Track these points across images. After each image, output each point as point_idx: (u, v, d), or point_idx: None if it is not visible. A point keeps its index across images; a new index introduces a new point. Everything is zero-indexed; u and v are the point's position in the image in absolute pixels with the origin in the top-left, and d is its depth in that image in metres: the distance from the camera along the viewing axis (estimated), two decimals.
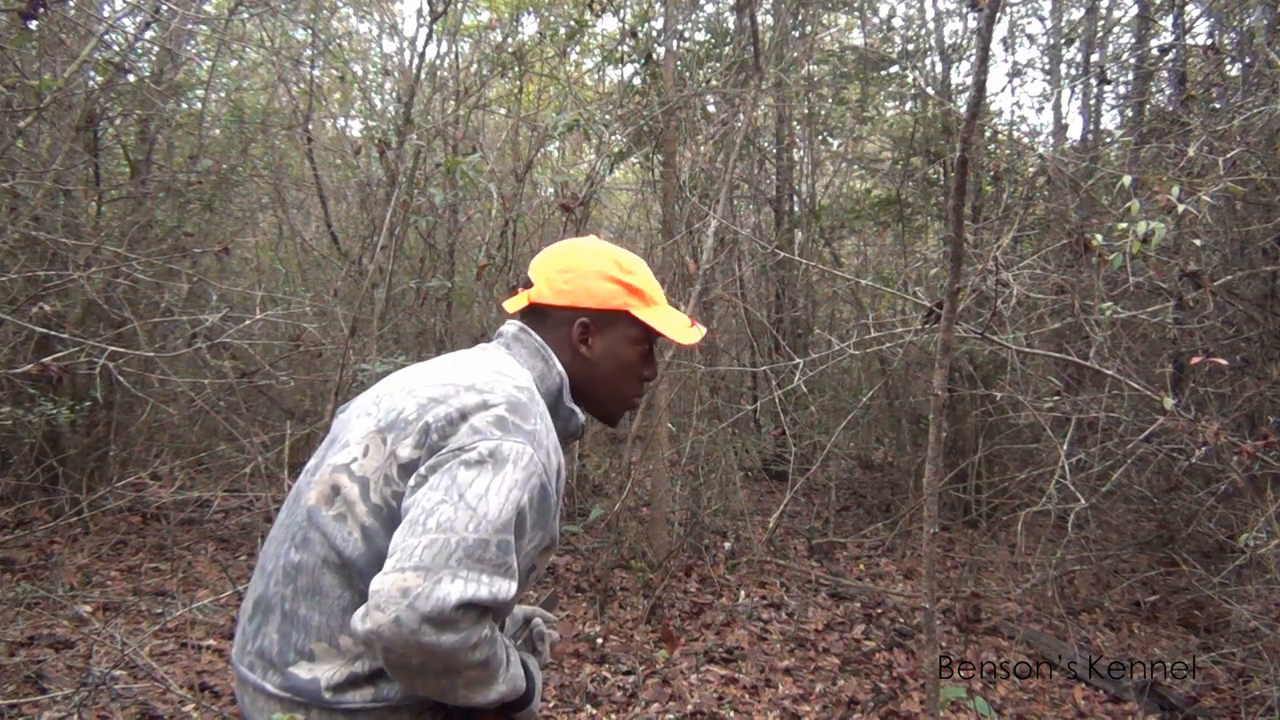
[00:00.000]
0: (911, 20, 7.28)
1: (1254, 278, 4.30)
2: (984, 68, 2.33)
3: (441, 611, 1.02)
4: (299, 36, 6.34)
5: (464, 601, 1.03)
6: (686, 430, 5.12)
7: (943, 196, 6.30)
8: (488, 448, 1.12)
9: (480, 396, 1.18)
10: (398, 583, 1.03)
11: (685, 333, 1.40)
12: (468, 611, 1.05)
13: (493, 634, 1.11)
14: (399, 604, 1.02)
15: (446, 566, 1.04)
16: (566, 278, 1.34)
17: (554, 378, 1.32)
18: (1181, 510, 4.39)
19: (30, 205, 4.12)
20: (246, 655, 1.24)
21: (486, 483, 1.10)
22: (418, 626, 1.02)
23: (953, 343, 2.49)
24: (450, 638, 1.04)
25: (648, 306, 1.37)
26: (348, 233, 6.47)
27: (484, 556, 1.06)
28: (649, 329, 1.37)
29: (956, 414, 5.88)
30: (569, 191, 5.48)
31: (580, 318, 1.33)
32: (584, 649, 3.83)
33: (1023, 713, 3.52)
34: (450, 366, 1.27)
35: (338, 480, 1.21)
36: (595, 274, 1.34)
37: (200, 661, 3.41)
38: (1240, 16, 5.02)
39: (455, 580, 1.04)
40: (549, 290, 1.34)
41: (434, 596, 1.02)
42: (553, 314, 1.34)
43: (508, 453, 1.13)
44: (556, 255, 1.38)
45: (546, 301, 1.34)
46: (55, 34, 4.31)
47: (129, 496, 4.49)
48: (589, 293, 1.33)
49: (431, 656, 1.04)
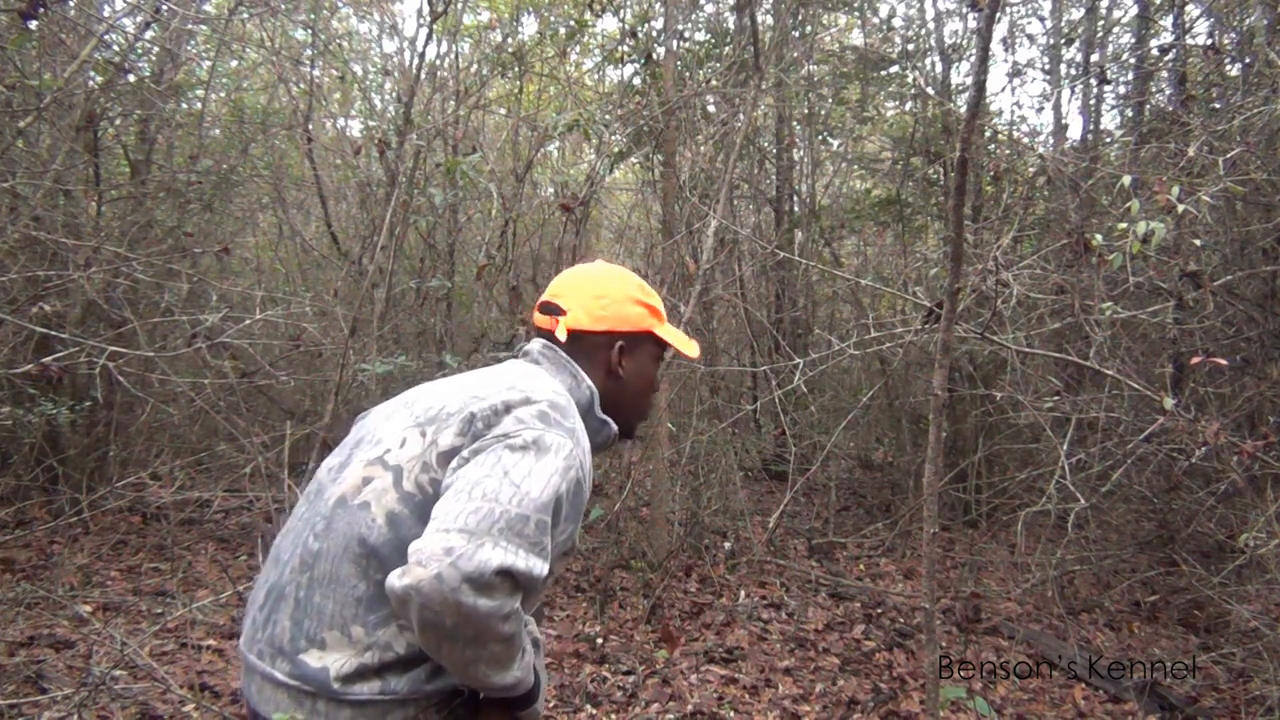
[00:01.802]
0: (911, 20, 7.28)
1: (1254, 278, 4.30)
2: (984, 68, 2.33)
3: (483, 573, 1.05)
4: (299, 36, 6.34)
5: (504, 568, 1.06)
6: (686, 430, 5.11)
7: (943, 196, 6.29)
8: (532, 435, 1.18)
9: (523, 393, 1.26)
10: (442, 542, 1.06)
11: (689, 345, 1.52)
12: (505, 579, 1.08)
13: (521, 612, 1.13)
14: (442, 561, 1.05)
15: (489, 534, 1.07)
16: (603, 304, 1.43)
17: (584, 391, 1.39)
18: (1181, 510, 4.39)
19: (30, 205, 4.12)
20: (256, 643, 1.24)
21: (530, 465, 1.15)
22: (458, 585, 1.04)
23: (953, 343, 2.49)
24: (486, 602, 1.06)
25: (663, 325, 1.49)
26: (348, 233, 6.47)
27: (524, 531, 1.10)
28: (665, 344, 1.49)
29: (956, 414, 5.88)
30: (569, 191, 5.48)
31: (619, 341, 1.43)
32: (584, 649, 3.83)
33: (1023, 713, 3.52)
34: (485, 375, 1.35)
35: (370, 472, 1.24)
36: (627, 299, 1.44)
37: (200, 661, 3.41)
38: (1240, 16, 5.02)
39: (497, 547, 1.07)
40: (587, 317, 1.42)
41: (477, 558, 1.05)
42: (589, 338, 1.43)
43: (550, 442, 1.18)
44: (587, 282, 1.46)
45: (585, 328, 1.42)
46: (55, 34, 4.31)
47: (129, 496, 4.49)
48: (624, 317, 1.43)
49: (466, 619, 1.06)
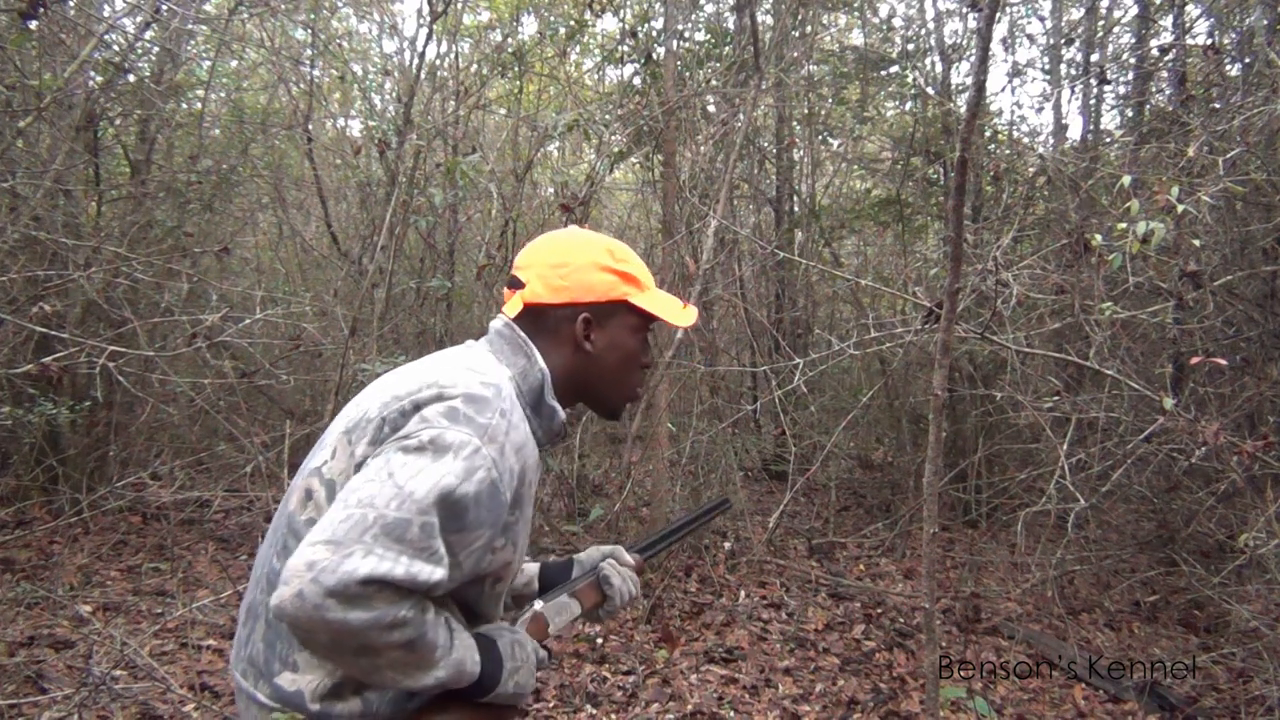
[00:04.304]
0: (911, 20, 7.28)
1: (1254, 278, 4.30)
2: (984, 68, 2.33)
3: (347, 586, 0.97)
4: (299, 36, 6.34)
5: (373, 577, 0.98)
6: (686, 430, 5.12)
7: (943, 196, 6.29)
8: (429, 435, 1.09)
9: (438, 389, 1.15)
10: (306, 556, 0.99)
11: (681, 314, 1.37)
12: (381, 589, 1.00)
13: (418, 616, 1.05)
14: (303, 577, 0.98)
15: (360, 541, 0.99)
16: (562, 273, 1.29)
17: (536, 374, 1.26)
18: (1181, 510, 4.39)
19: (30, 205, 4.12)
20: (240, 662, 1.23)
21: (420, 466, 1.06)
22: (321, 600, 0.97)
23: (953, 343, 2.49)
24: (360, 615, 0.99)
25: (643, 292, 1.34)
26: (348, 233, 6.47)
27: (404, 536, 1.01)
28: (647, 315, 1.33)
29: (956, 414, 5.88)
30: (569, 191, 5.48)
31: (583, 313, 1.29)
32: (584, 649, 3.84)
33: (1023, 713, 3.52)
34: (424, 365, 1.25)
35: (310, 484, 1.19)
36: (591, 265, 1.30)
37: (200, 661, 3.41)
38: (1240, 16, 5.02)
39: (368, 556, 0.99)
40: (546, 289, 1.29)
41: (341, 570, 0.98)
42: (551, 312, 1.30)
43: (450, 441, 1.08)
44: (547, 251, 1.32)
45: (544, 301, 1.29)
46: (55, 34, 4.31)
47: (129, 496, 4.49)
48: (587, 286, 1.29)
49: (340, 634, 1.00)
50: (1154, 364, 4.41)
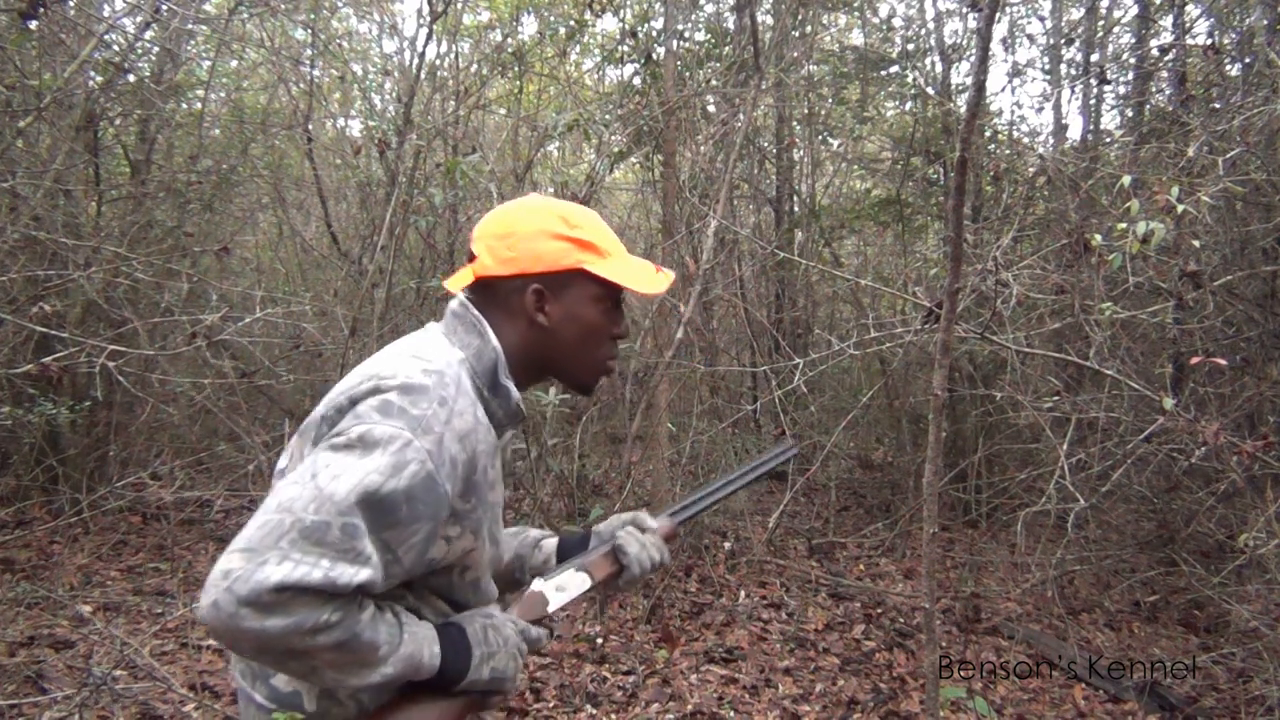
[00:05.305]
0: (911, 20, 7.28)
1: (1254, 278, 4.30)
2: (984, 68, 2.33)
3: (259, 595, 0.94)
4: (299, 36, 6.34)
5: (286, 584, 0.95)
6: (686, 430, 5.11)
7: (943, 196, 6.30)
8: (358, 431, 1.05)
9: (375, 381, 1.10)
10: (223, 565, 0.96)
11: (650, 280, 1.26)
12: (298, 595, 0.96)
13: (347, 618, 1.01)
14: (218, 586, 0.95)
15: (275, 548, 0.96)
16: (509, 243, 1.21)
17: (489, 354, 1.20)
18: (1181, 510, 4.39)
19: (30, 205, 4.12)
20: (239, 663, 1.23)
21: (346, 465, 1.02)
22: (235, 610, 0.94)
23: (953, 343, 2.49)
24: (278, 622, 0.96)
25: (603, 259, 1.24)
26: (348, 233, 6.47)
27: (324, 539, 0.98)
28: (609, 283, 1.24)
29: (956, 414, 5.88)
30: (569, 191, 5.47)
31: (532, 285, 1.21)
32: (584, 649, 3.84)
33: (1023, 713, 3.52)
34: (377, 355, 1.21)
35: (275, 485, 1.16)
36: (539, 233, 1.21)
37: (200, 661, 3.41)
38: (1240, 16, 5.02)
39: (283, 562, 0.96)
40: (494, 260, 1.22)
41: (254, 579, 0.95)
42: (501, 285, 1.22)
43: (379, 437, 1.04)
44: (495, 220, 1.25)
45: (493, 273, 1.22)
46: (55, 34, 4.31)
47: (129, 496, 4.49)
48: (536, 256, 1.21)
49: (261, 643, 0.97)
50: (1154, 364, 4.41)
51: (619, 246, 1.27)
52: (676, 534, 1.45)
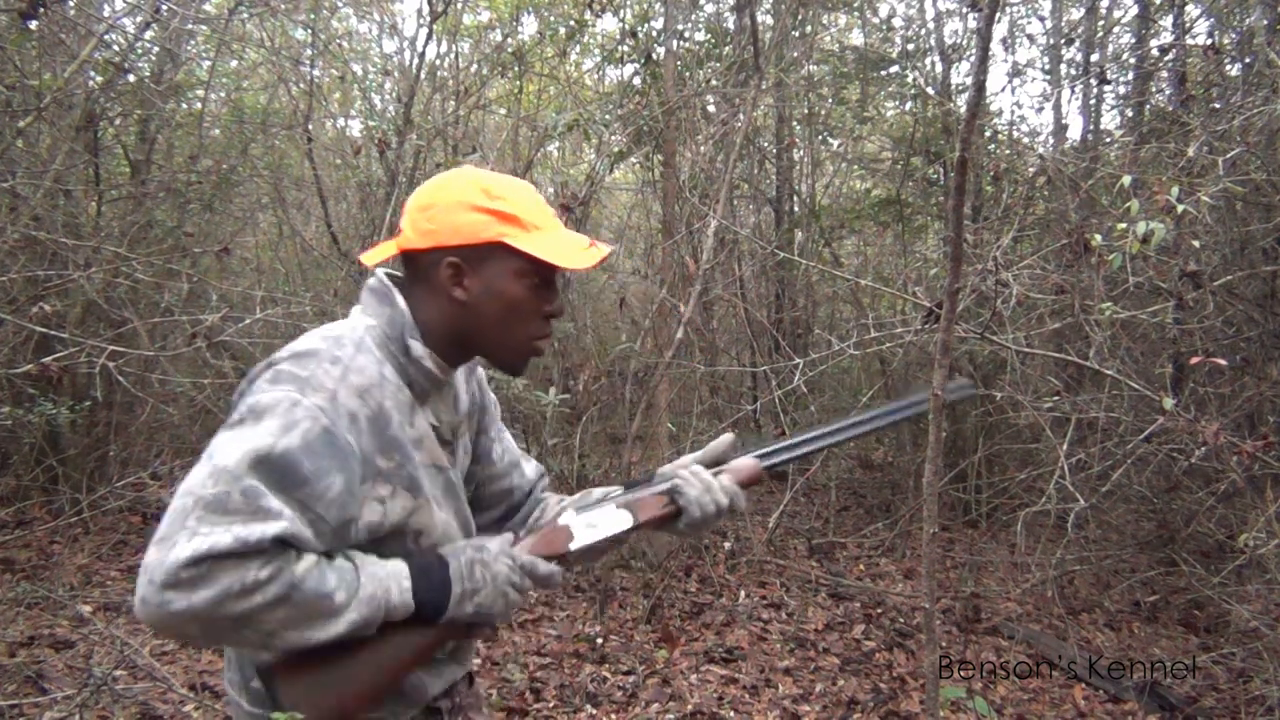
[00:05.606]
0: (911, 20, 7.28)
1: (1254, 278, 4.30)
2: (984, 68, 2.33)
3: (175, 574, 0.94)
4: (299, 36, 6.33)
5: (196, 556, 0.94)
6: (686, 430, 5.12)
7: (943, 196, 6.30)
8: (248, 404, 1.04)
9: (271, 359, 1.10)
10: (144, 562, 0.96)
11: (576, 256, 1.20)
12: (215, 563, 0.95)
13: (280, 572, 0.99)
14: (141, 583, 0.95)
15: (183, 528, 0.96)
16: (429, 215, 1.18)
17: (399, 319, 1.18)
18: (1181, 510, 4.39)
19: (30, 205, 4.12)
20: (226, 671, 1.24)
21: (235, 438, 1.01)
22: (161, 598, 0.94)
23: (953, 343, 2.49)
24: (205, 593, 0.95)
25: (526, 232, 1.19)
26: (348, 233, 6.46)
27: (227, 508, 0.97)
28: (534, 259, 1.18)
29: (956, 414, 5.88)
30: (569, 191, 5.48)
31: (448, 257, 1.17)
32: (584, 649, 3.84)
33: (1023, 713, 3.52)
34: None
35: None
36: (458, 205, 1.17)
37: (201, 661, 3.41)
38: (1240, 16, 5.02)
39: (193, 538, 0.95)
40: (414, 233, 1.19)
41: (167, 563, 0.94)
42: (421, 259, 1.19)
43: (267, 403, 1.03)
44: (421, 192, 1.22)
45: (413, 246, 1.19)
46: (55, 34, 4.31)
47: (129, 496, 4.48)
48: (453, 228, 1.17)
49: (198, 619, 0.95)
50: (1154, 364, 4.41)
51: (549, 220, 1.23)
52: (760, 479, 1.35)
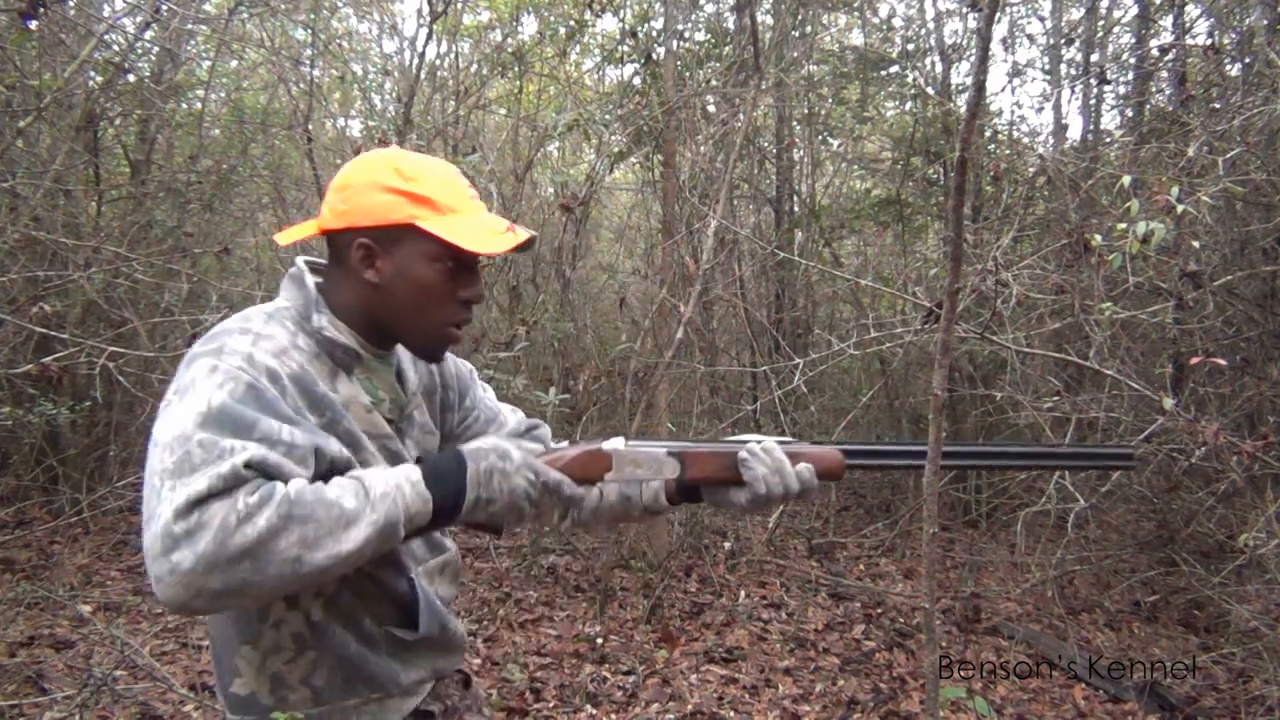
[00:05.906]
0: (911, 20, 7.28)
1: (1254, 278, 4.29)
2: (984, 68, 2.32)
3: (170, 536, 0.93)
4: (299, 36, 6.34)
5: (178, 508, 0.93)
6: (686, 430, 5.12)
7: (943, 196, 6.30)
8: (172, 387, 1.05)
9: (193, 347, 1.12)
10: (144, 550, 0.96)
11: (489, 241, 1.17)
12: (200, 508, 0.94)
13: (267, 492, 0.97)
14: (150, 569, 0.95)
15: (160, 499, 0.95)
16: (344, 195, 1.17)
17: (308, 295, 1.19)
18: (1181, 510, 4.39)
19: (30, 205, 4.12)
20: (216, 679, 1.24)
21: (170, 414, 1.02)
22: (169, 564, 0.92)
23: (953, 343, 2.49)
24: (204, 537, 0.93)
25: (440, 215, 1.16)
26: None
27: (193, 463, 0.96)
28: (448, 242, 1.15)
29: (956, 414, 5.88)
30: (569, 191, 5.48)
31: (360, 239, 1.16)
32: (584, 649, 3.84)
33: (1023, 713, 3.52)
34: None
35: None
36: (371, 186, 1.16)
37: (200, 661, 3.41)
38: (1240, 16, 5.02)
39: (173, 500, 0.95)
40: (330, 213, 1.18)
41: (157, 530, 0.94)
42: (336, 239, 1.18)
43: (188, 380, 1.04)
44: (340, 172, 1.22)
45: (329, 226, 1.18)
46: (55, 34, 4.31)
47: (129, 496, 4.48)
48: (365, 209, 1.16)
49: (212, 569, 0.93)
50: (1154, 364, 4.41)
51: (466, 202, 1.20)
52: (841, 475, 1.30)
